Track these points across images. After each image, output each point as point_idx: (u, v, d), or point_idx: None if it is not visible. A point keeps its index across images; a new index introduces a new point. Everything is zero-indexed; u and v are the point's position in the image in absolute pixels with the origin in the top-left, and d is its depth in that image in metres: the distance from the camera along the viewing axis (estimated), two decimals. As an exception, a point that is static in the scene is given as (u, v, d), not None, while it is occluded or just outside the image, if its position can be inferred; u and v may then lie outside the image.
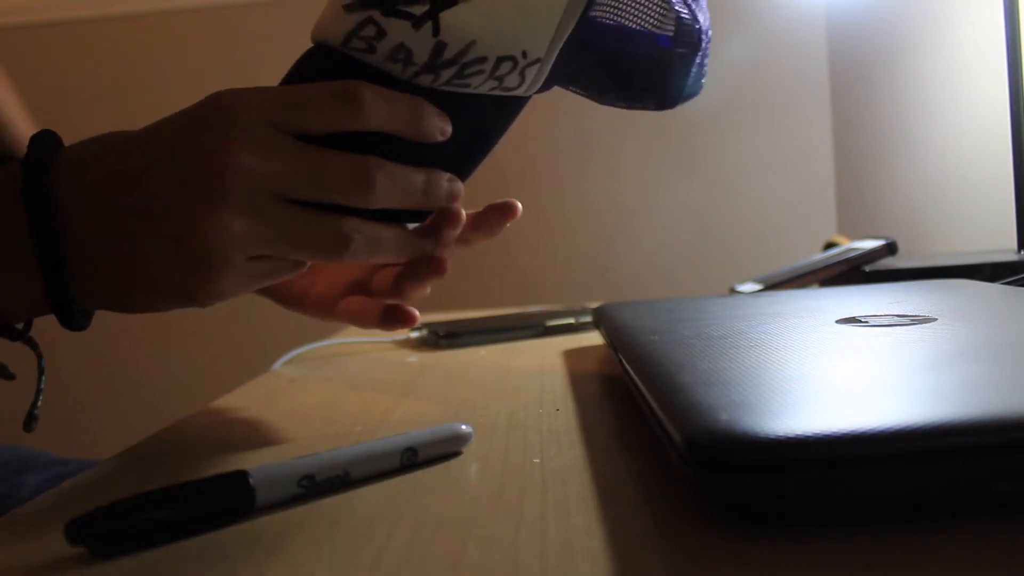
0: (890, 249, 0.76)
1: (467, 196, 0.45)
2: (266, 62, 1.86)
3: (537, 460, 0.33)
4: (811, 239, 1.51)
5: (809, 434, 0.22)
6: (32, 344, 0.40)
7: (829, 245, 0.94)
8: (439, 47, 0.38)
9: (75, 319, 0.36)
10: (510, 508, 0.27)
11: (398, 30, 0.38)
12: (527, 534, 0.25)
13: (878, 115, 1.39)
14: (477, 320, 0.75)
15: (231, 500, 0.28)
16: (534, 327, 0.70)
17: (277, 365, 0.64)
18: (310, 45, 0.41)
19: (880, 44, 1.36)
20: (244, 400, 0.50)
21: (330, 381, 0.55)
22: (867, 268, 0.74)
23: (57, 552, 0.26)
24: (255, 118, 0.35)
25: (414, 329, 0.73)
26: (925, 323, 0.37)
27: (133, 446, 0.41)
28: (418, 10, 0.37)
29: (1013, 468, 0.22)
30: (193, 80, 1.83)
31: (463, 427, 0.34)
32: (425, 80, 0.39)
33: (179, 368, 1.85)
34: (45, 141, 0.37)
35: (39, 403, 0.40)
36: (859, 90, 1.48)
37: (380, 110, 0.37)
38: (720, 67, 1.57)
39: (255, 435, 0.41)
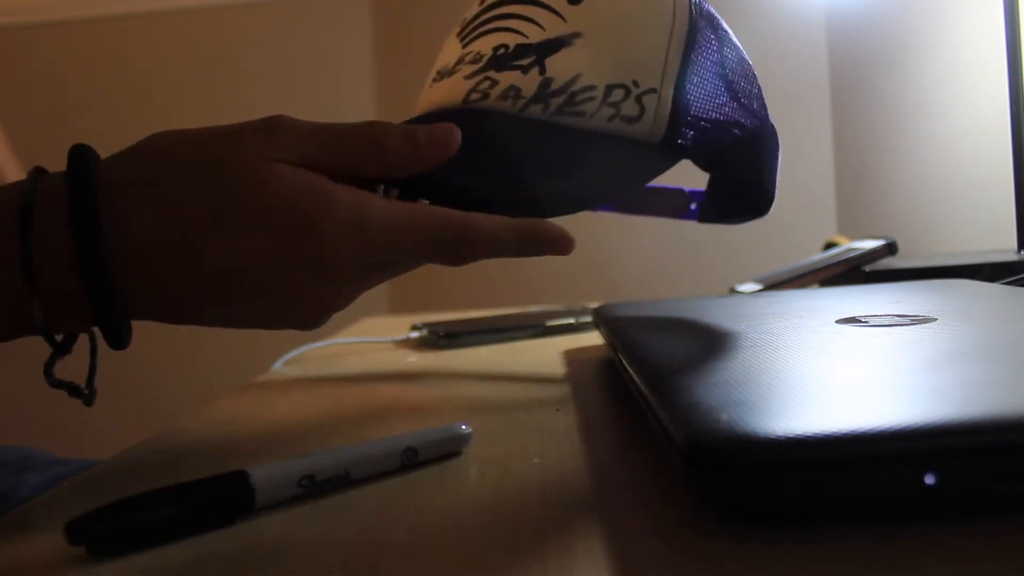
0: (890, 249, 0.76)
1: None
2: (266, 62, 1.86)
3: (537, 460, 0.33)
4: (811, 239, 1.51)
5: (809, 434, 0.22)
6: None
7: (829, 245, 0.94)
8: (546, 82, 0.42)
9: (123, 340, 0.36)
10: (510, 508, 0.27)
11: (507, 78, 0.42)
12: (527, 534, 0.25)
13: (878, 115, 1.39)
14: (477, 320, 0.75)
15: (231, 500, 0.28)
16: (534, 327, 0.70)
17: (277, 365, 0.64)
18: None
19: (880, 44, 1.36)
20: (244, 400, 0.50)
21: (330, 381, 0.55)
22: (867, 268, 0.74)
23: (57, 552, 0.26)
24: (356, 263, 0.36)
25: (414, 329, 0.73)
26: (925, 323, 0.37)
27: (133, 446, 0.41)
28: (525, 62, 0.42)
29: (1013, 468, 0.22)
30: (193, 80, 1.84)
31: (463, 427, 0.34)
32: (535, 110, 0.42)
33: (179, 368, 1.85)
34: (87, 156, 0.35)
35: (95, 378, 0.40)
36: (859, 90, 1.48)
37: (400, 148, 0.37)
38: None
39: (255, 435, 0.41)
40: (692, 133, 0.45)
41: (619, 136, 0.43)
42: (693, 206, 0.57)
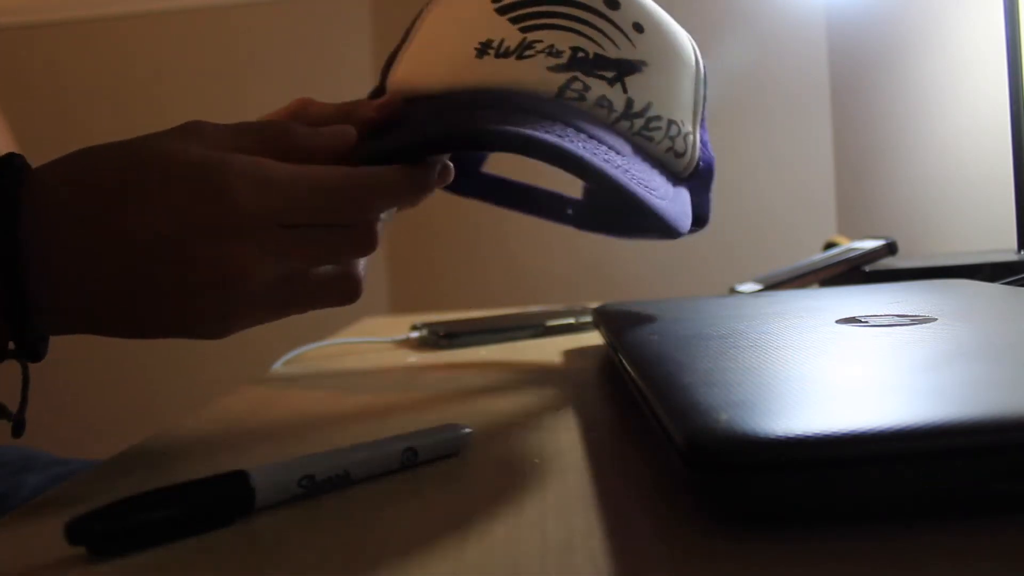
0: (890, 249, 0.76)
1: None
2: (266, 62, 1.86)
3: (537, 460, 0.33)
4: (811, 239, 1.51)
5: (809, 434, 0.22)
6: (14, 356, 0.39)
7: (829, 245, 0.94)
8: (629, 101, 0.45)
9: (37, 353, 0.36)
10: (510, 508, 0.27)
11: (598, 86, 0.44)
12: (527, 534, 0.25)
13: (878, 115, 1.39)
14: (477, 320, 0.75)
15: (231, 500, 0.28)
16: (534, 327, 0.70)
17: (277, 365, 0.64)
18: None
19: (880, 44, 1.37)
20: (244, 400, 0.50)
21: (330, 381, 0.55)
22: (867, 268, 0.74)
23: (57, 552, 0.26)
24: (260, 219, 0.36)
25: (414, 329, 0.73)
26: (925, 323, 0.37)
27: (133, 446, 0.41)
28: (608, 75, 0.45)
29: (1013, 468, 0.22)
30: (193, 80, 1.84)
31: (463, 427, 0.34)
32: (623, 126, 0.45)
33: (179, 368, 1.85)
34: (14, 164, 0.35)
35: (25, 409, 0.40)
36: (859, 90, 1.48)
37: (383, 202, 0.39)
38: (720, 68, 1.57)
39: (255, 435, 0.41)
40: (693, 171, 0.50)
41: (667, 166, 0.48)
42: (569, 211, 0.63)
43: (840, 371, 0.29)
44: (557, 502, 0.28)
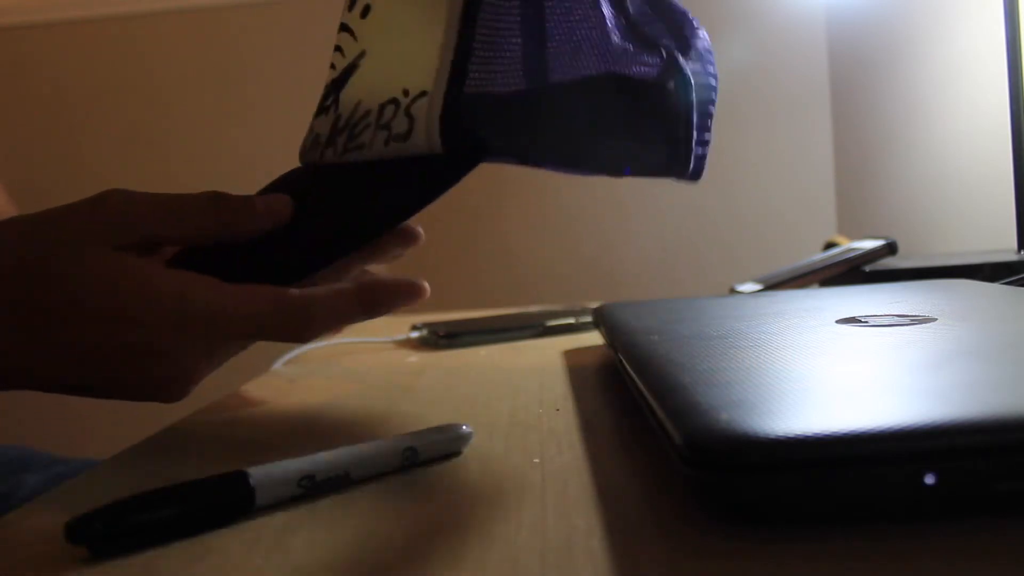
0: (890, 249, 0.76)
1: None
2: (266, 62, 1.86)
3: (537, 460, 0.33)
4: (811, 239, 1.51)
5: (809, 434, 0.22)
6: None
7: (829, 245, 0.94)
8: (336, 120, 0.40)
9: None
10: (510, 508, 0.27)
11: (319, 124, 0.41)
12: (527, 534, 0.25)
13: (878, 115, 1.39)
14: (477, 320, 0.75)
15: (231, 500, 0.28)
16: (534, 327, 0.70)
17: (277, 365, 0.64)
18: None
19: (880, 44, 1.37)
20: (244, 400, 0.50)
21: (330, 381, 0.55)
22: (867, 268, 0.74)
23: (57, 552, 0.26)
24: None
25: (414, 329, 0.73)
26: (925, 323, 0.37)
27: (133, 446, 0.41)
28: (328, 102, 0.41)
29: (1013, 468, 0.22)
30: (193, 80, 1.84)
31: (463, 427, 0.34)
32: (329, 156, 0.40)
33: (179, 368, 1.85)
34: None
35: None
36: (859, 90, 1.48)
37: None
38: (720, 68, 1.56)
39: (255, 435, 0.41)
40: (491, 123, 0.37)
41: (400, 158, 0.37)
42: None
43: (840, 371, 0.29)
44: (557, 502, 0.28)
